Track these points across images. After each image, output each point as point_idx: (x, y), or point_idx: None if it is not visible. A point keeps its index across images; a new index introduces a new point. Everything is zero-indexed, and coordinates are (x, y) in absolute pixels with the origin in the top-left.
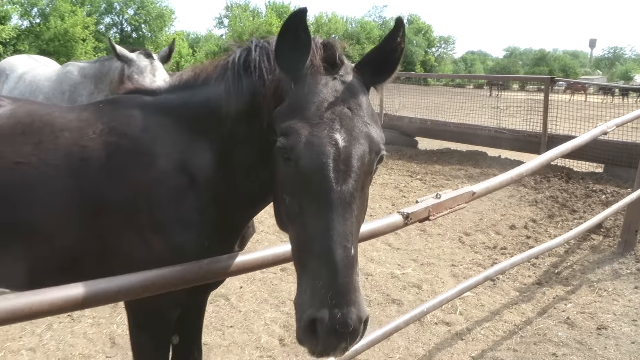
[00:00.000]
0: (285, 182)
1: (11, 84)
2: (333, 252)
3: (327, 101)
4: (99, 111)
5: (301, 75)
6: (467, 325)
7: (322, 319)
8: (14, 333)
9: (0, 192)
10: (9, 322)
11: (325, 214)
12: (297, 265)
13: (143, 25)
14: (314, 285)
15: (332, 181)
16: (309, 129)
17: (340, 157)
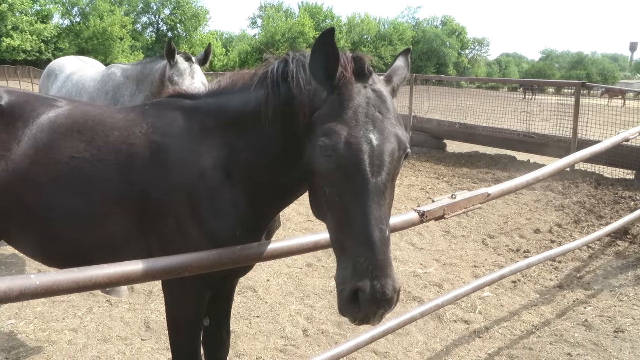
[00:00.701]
0: (326, 176)
1: (59, 83)
2: (372, 233)
3: (361, 106)
4: (144, 112)
5: (334, 84)
6: (485, 324)
7: (364, 289)
8: (57, 314)
9: (58, 183)
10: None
11: (363, 201)
12: (337, 246)
13: (178, 24)
14: (354, 262)
15: (368, 174)
16: (347, 130)
17: (374, 153)
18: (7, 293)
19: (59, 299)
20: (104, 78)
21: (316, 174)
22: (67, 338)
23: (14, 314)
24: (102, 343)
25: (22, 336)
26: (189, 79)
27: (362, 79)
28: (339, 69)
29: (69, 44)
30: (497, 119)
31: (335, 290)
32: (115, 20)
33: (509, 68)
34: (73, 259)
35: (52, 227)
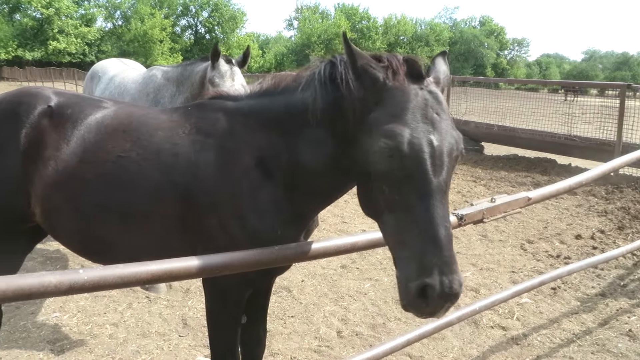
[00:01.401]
0: (386, 176)
1: (103, 85)
2: (438, 231)
3: (420, 108)
4: (187, 113)
5: (388, 86)
6: (523, 331)
7: (434, 285)
8: (99, 309)
9: (105, 181)
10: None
11: (427, 201)
12: (396, 245)
13: (216, 27)
14: (421, 259)
15: (431, 174)
16: (409, 131)
17: (435, 154)
18: (58, 287)
19: (101, 294)
20: (145, 80)
21: (374, 175)
22: (108, 332)
23: (59, 307)
24: (142, 338)
25: (66, 329)
26: (230, 81)
27: (418, 81)
28: (390, 72)
29: (111, 47)
30: (537, 122)
31: (397, 286)
32: (156, 23)
33: (550, 69)
34: (117, 256)
35: (98, 225)
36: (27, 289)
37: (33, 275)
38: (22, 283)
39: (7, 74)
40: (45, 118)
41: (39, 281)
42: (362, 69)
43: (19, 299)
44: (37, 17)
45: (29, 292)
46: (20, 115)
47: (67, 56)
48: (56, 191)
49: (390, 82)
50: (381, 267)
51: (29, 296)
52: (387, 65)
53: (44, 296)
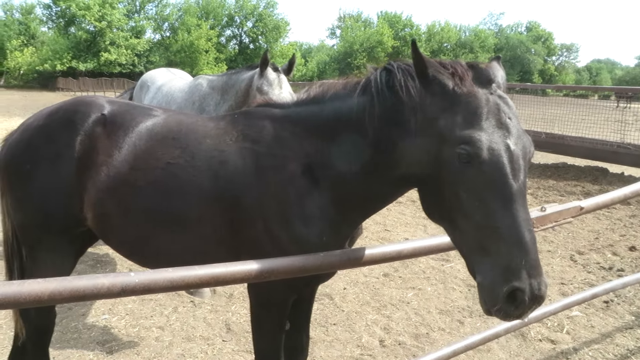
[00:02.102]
0: (463, 182)
1: (151, 94)
2: (523, 234)
3: (493, 113)
4: (234, 121)
5: (455, 93)
6: (573, 345)
7: (524, 288)
8: (146, 312)
9: (155, 187)
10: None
11: (510, 205)
12: (477, 250)
13: (260, 36)
14: (508, 263)
15: (511, 178)
16: (487, 137)
17: (513, 158)
18: (110, 289)
19: (148, 297)
20: (191, 89)
21: (449, 181)
22: (155, 335)
23: (108, 309)
24: (187, 342)
25: (114, 331)
26: (278, 88)
27: (486, 86)
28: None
29: (159, 57)
30: (587, 129)
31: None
32: (202, 34)
33: (601, 75)
34: (165, 260)
35: (148, 229)
36: (81, 290)
37: (87, 277)
38: (77, 285)
39: (62, 85)
40: (99, 126)
41: (92, 283)
42: (432, 77)
43: (74, 300)
44: (90, 30)
45: (83, 294)
46: (76, 123)
47: (118, 67)
48: (108, 197)
49: (459, 89)
50: (424, 276)
51: (83, 297)
52: (452, 72)
53: (97, 298)
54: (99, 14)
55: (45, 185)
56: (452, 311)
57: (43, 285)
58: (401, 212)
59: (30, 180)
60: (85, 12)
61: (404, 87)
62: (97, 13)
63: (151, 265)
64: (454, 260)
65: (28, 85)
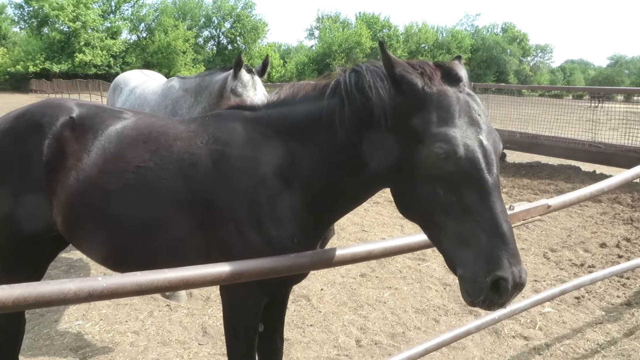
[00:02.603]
0: (441, 178)
1: (124, 96)
2: (502, 225)
3: (465, 111)
4: (205, 123)
5: (425, 92)
6: (546, 341)
7: (507, 277)
8: (121, 317)
9: (125, 191)
10: (143, 293)
11: (488, 197)
12: (457, 245)
13: (238, 37)
14: (489, 254)
15: (486, 172)
16: (462, 134)
17: (486, 153)
18: (77, 294)
19: (123, 302)
20: (164, 91)
21: (426, 178)
22: (130, 340)
23: (82, 315)
24: (162, 346)
25: (88, 337)
26: (252, 90)
27: (455, 85)
28: (426, 78)
29: (136, 58)
30: (561, 128)
31: (462, 285)
32: (179, 34)
33: (574, 75)
34: (136, 263)
35: (119, 233)
36: (47, 296)
37: (53, 282)
38: (43, 290)
39: (35, 86)
40: (68, 129)
41: (59, 288)
42: (400, 76)
43: (40, 306)
44: (64, 30)
45: (49, 299)
46: (44, 126)
47: (93, 68)
48: (77, 201)
49: (429, 88)
50: (401, 275)
51: (50, 303)
52: (421, 71)
53: (64, 303)
54: (73, 14)
55: (13, 189)
56: (427, 310)
57: (8, 291)
58: (379, 212)
59: None
60: (58, 13)
61: (374, 88)
62: (71, 13)
63: (122, 270)
64: (429, 260)
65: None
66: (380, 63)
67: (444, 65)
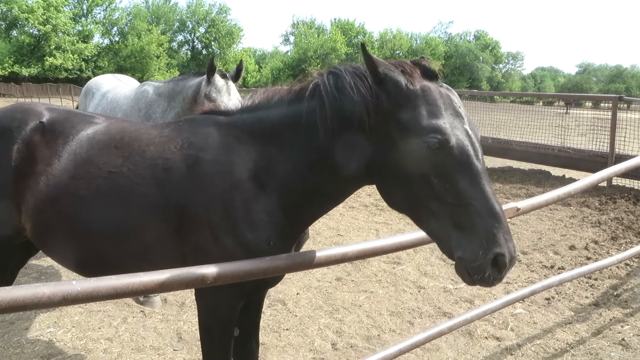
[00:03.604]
0: (434, 167)
1: (96, 101)
2: (494, 205)
3: (448, 104)
4: (179, 128)
5: (409, 89)
6: (517, 341)
7: (504, 252)
8: (94, 324)
9: (97, 196)
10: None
11: (480, 182)
12: (452, 230)
13: (213, 42)
14: (486, 233)
15: (475, 159)
16: (451, 125)
17: (472, 141)
18: (51, 298)
19: (96, 308)
20: (137, 96)
21: (416, 169)
22: (103, 347)
23: (53, 322)
24: (136, 352)
25: (60, 344)
26: (227, 95)
27: (434, 80)
28: (407, 75)
29: (108, 62)
30: (532, 134)
31: (460, 268)
32: (152, 39)
33: (545, 82)
34: (109, 270)
35: (90, 239)
36: (20, 300)
37: (27, 286)
38: (16, 294)
39: (4, 90)
40: (37, 134)
41: (32, 292)
42: (384, 75)
43: (14, 310)
44: (34, 33)
45: (22, 303)
46: (12, 131)
47: (64, 72)
48: (47, 206)
49: (412, 85)
50: (376, 279)
51: (24, 307)
52: (402, 69)
53: (38, 307)
54: (43, 17)
55: None
56: (402, 312)
57: None
58: (354, 217)
59: None
60: (28, 15)
61: (354, 88)
62: (42, 16)
63: (95, 276)
64: (404, 263)
65: None
66: (357, 64)
67: (420, 63)
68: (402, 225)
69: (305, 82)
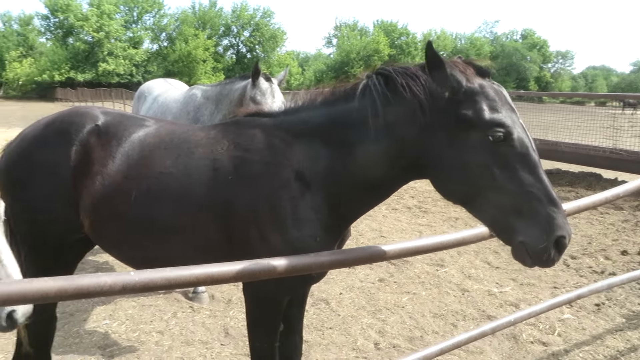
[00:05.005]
0: (497, 159)
1: (148, 104)
2: (551, 192)
3: (505, 100)
4: (225, 130)
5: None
6: (565, 347)
7: (565, 235)
8: (146, 317)
9: (148, 196)
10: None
11: (537, 171)
12: (510, 215)
13: (257, 46)
14: (548, 218)
15: (532, 150)
16: (511, 119)
17: (528, 134)
18: (112, 287)
19: (148, 303)
20: (186, 99)
21: (477, 160)
22: (155, 339)
23: (109, 315)
24: (186, 346)
25: (115, 335)
26: (271, 98)
27: (486, 78)
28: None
29: (157, 67)
30: (582, 136)
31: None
32: (199, 43)
33: (596, 82)
34: (160, 265)
35: (142, 237)
36: (85, 288)
37: (90, 275)
38: (81, 282)
39: (60, 95)
40: (93, 136)
41: (96, 281)
42: (450, 74)
43: (79, 297)
44: (88, 40)
45: (87, 291)
46: (71, 133)
47: (116, 77)
48: (103, 205)
49: (470, 83)
50: (419, 281)
51: (87, 295)
52: (460, 69)
53: (100, 295)
54: (96, 25)
55: (42, 193)
56: (445, 315)
57: (50, 283)
58: (397, 218)
59: (28, 188)
60: (83, 23)
61: (407, 87)
62: (95, 24)
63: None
64: (448, 266)
65: (27, 96)
66: (406, 65)
67: (473, 62)
68: (445, 228)
69: (351, 83)
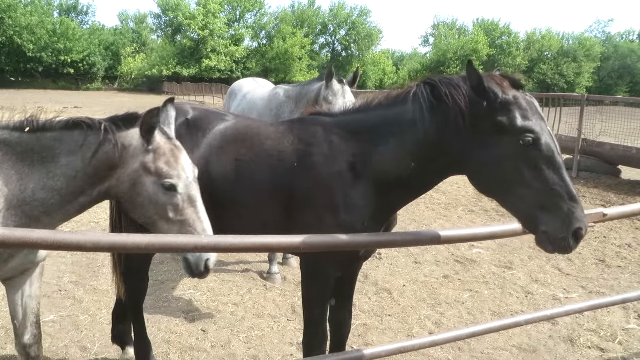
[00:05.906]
0: (526, 160)
1: (237, 101)
2: (572, 190)
3: (534, 110)
4: (291, 126)
5: (503, 98)
6: (623, 355)
7: (582, 227)
8: (224, 290)
9: (226, 180)
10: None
11: (561, 172)
12: (536, 209)
13: (352, 44)
14: (567, 212)
15: (557, 154)
16: (540, 126)
17: (554, 140)
18: (186, 245)
19: (227, 278)
20: (269, 97)
21: (509, 161)
22: (230, 310)
23: (193, 285)
24: (257, 318)
25: (197, 303)
26: (341, 98)
27: (519, 90)
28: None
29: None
30: None
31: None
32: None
33: None
34: None
35: (219, 212)
36: (166, 244)
37: (170, 235)
38: (164, 240)
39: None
40: (184, 127)
41: (174, 240)
42: (488, 87)
43: (163, 250)
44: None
45: (168, 247)
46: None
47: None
48: None
49: (505, 95)
50: (483, 280)
51: (169, 249)
52: (497, 82)
53: (177, 250)
54: (202, 23)
55: None
56: (504, 313)
57: (140, 237)
58: (472, 220)
59: None
60: (190, 21)
61: (449, 95)
62: (201, 22)
63: None
64: (516, 268)
65: (137, 89)
66: (450, 76)
67: (508, 75)
68: None
69: (403, 90)
